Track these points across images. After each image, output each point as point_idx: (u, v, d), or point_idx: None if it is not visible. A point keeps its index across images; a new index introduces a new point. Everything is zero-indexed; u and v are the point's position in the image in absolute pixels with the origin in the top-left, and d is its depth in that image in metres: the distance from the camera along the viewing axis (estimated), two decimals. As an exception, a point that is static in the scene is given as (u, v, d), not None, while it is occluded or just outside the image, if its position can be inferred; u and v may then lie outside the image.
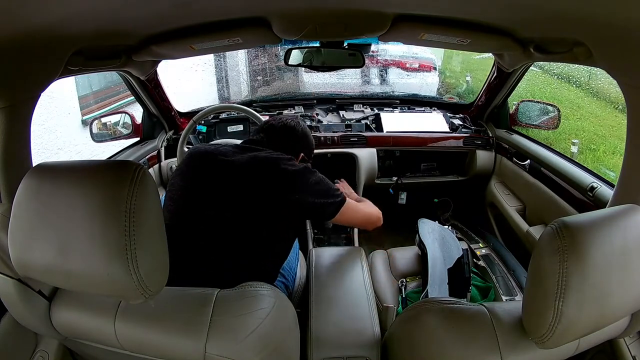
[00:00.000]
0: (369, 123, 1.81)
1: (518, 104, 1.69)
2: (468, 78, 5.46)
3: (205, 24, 0.93)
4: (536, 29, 0.90)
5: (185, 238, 0.85)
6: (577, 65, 1.49)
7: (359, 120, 1.82)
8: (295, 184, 0.89)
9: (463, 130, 1.77)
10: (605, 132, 3.81)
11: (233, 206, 0.86)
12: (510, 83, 1.54)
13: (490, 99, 1.69)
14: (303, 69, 3.42)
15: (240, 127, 1.80)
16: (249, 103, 1.92)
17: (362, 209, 1.06)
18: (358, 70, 4.00)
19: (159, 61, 1.33)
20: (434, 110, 1.93)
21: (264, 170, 0.88)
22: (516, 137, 1.65)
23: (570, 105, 4.08)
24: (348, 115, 1.90)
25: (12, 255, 0.56)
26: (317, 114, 1.88)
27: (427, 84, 4.89)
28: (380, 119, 1.82)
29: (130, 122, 1.64)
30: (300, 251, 1.24)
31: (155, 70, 1.41)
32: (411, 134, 1.74)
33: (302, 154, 1.06)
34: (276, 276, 0.98)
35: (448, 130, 1.78)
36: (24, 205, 0.54)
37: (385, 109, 1.93)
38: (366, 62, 1.23)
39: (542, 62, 2.75)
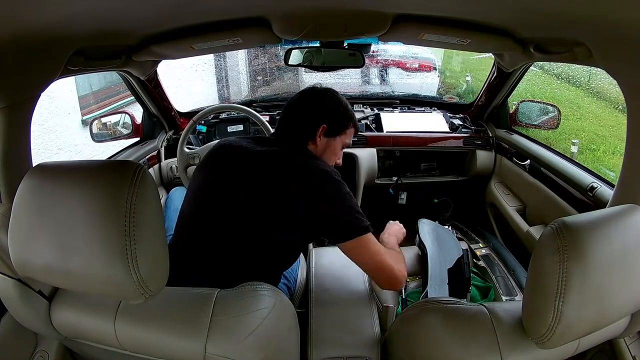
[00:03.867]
0: (369, 123, 1.81)
1: (518, 104, 1.69)
2: (468, 78, 5.47)
3: (205, 24, 0.93)
4: (536, 29, 0.90)
5: (201, 230, 0.84)
6: (577, 65, 1.49)
7: (359, 120, 1.81)
8: (315, 183, 0.79)
9: (463, 130, 1.77)
10: (605, 132, 3.82)
11: (249, 200, 0.81)
12: (510, 83, 1.54)
13: (490, 99, 1.69)
14: (303, 69, 3.42)
15: (240, 127, 1.80)
16: (249, 103, 1.92)
17: (382, 255, 0.84)
18: (358, 70, 4.01)
19: (159, 61, 1.33)
20: (434, 110, 1.92)
21: (281, 164, 0.82)
22: (516, 137, 1.65)
23: (570, 105, 4.09)
24: None
25: (12, 255, 0.56)
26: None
27: (427, 84, 4.90)
28: (380, 119, 1.82)
29: (130, 122, 1.63)
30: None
31: (155, 70, 1.41)
32: (411, 134, 1.74)
33: (323, 126, 0.91)
34: (278, 281, 0.95)
35: (448, 130, 1.78)
36: (24, 205, 0.54)
37: (385, 109, 1.93)
38: (366, 62, 1.23)
39: (542, 62, 2.75)
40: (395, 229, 1.12)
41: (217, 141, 1.03)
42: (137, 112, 1.66)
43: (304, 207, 0.78)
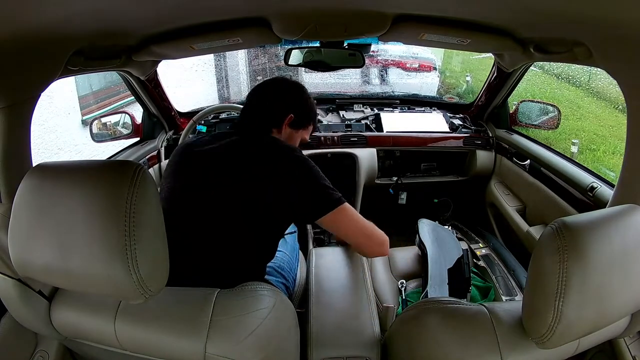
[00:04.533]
0: (369, 123, 1.81)
1: (518, 104, 1.70)
2: (468, 78, 5.46)
3: (205, 24, 0.93)
4: (536, 29, 0.90)
5: (174, 237, 0.83)
6: (577, 65, 1.49)
7: (359, 120, 1.82)
8: (278, 163, 0.78)
9: (463, 130, 1.77)
10: (605, 132, 3.82)
11: (212, 199, 0.80)
12: (510, 83, 1.54)
13: (490, 99, 1.69)
14: (303, 69, 3.42)
15: (240, 127, 1.79)
16: (249, 103, 1.92)
17: (363, 221, 0.88)
18: (358, 70, 4.00)
19: (159, 61, 1.33)
20: (434, 110, 1.93)
21: (239, 153, 0.81)
22: (516, 137, 1.65)
23: (570, 105, 4.09)
24: (348, 115, 1.90)
25: (12, 255, 0.56)
26: (317, 114, 1.88)
27: (427, 84, 4.90)
28: (380, 119, 1.82)
29: (130, 122, 1.63)
30: (300, 251, 1.24)
31: (155, 70, 1.41)
32: (411, 134, 1.74)
33: (290, 115, 0.91)
34: (263, 274, 0.93)
35: (448, 130, 1.78)
36: (24, 205, 0.54)
37: (385, 109, 1.93)
38: (366, 62, 1.23)
39: (542, 62, 2.75)
40: None
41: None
42: (137, 112, 1.66)
43: (275, 189, 0.78)
